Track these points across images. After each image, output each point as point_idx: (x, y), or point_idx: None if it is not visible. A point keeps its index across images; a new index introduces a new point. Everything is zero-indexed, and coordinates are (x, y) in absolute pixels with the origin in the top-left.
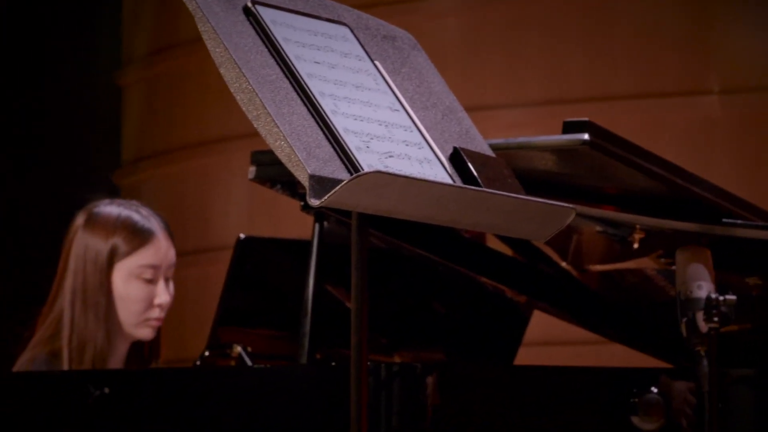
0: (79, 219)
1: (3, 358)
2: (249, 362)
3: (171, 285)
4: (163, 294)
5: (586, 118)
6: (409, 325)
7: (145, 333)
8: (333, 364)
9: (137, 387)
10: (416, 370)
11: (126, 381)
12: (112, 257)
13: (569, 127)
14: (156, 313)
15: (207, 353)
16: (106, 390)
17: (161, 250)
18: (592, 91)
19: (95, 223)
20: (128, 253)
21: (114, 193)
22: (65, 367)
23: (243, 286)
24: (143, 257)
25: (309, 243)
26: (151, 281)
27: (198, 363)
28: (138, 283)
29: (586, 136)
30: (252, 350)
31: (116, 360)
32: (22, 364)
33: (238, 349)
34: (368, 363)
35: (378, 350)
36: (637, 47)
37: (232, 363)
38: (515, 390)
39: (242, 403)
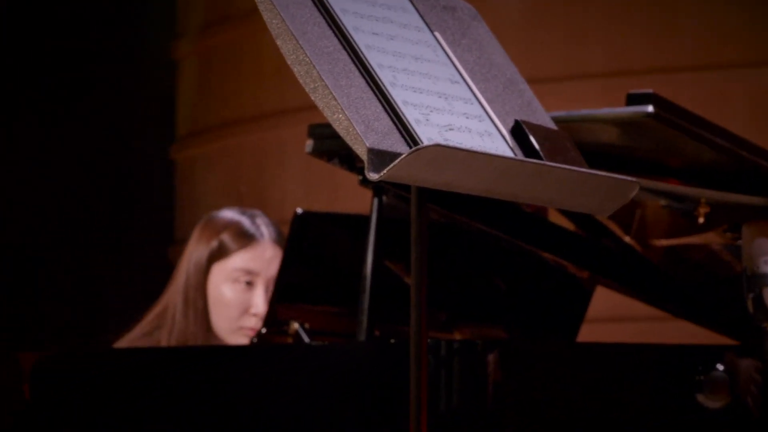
0: (198, 224)
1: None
2: (306, 339)
3: None
4: (260, 303)
5: (650, 90)
6: (469, 301)
7: (239, 341)
8: (392, 341)
9: (195, 365)
10: (477, 347)
11: (183, 359)
12: (212, 257)
13: (633, 99)
14: (252, 322)
15: (264, 330)
16: (149, 356)
17: (263, 257)
18: (655, 63)
19: (207, 226)
20: (228, 255)
21: (169, 167)
22: None
23: (300, 261)
24: (242, 260)
25: (367, 218)
26: (249, 288)
27: (255, 340)
28: (234, 286)
29: (650, 108)
30: (309, 327)
31: None
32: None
33: (296, 326)
34: (428, 340)
35: (437, 327)
36: (701, 18)
37: (290, 340)
38: (577, 367)
39: (300, 381)
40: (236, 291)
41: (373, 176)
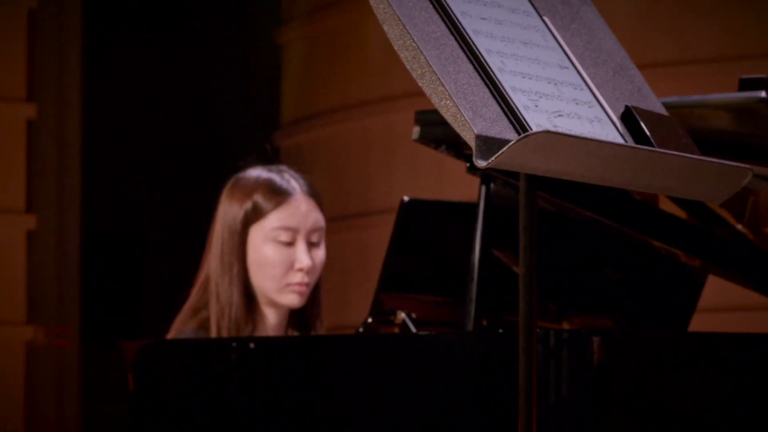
0: (226, 186)
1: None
2: (413, 329)
3: (320, 250)
4: (304, 258)
5: (763, 75)
6: (578, 290)
7: (291, 299)
8: (500, 331)
9: (299, 355)
10: (587, 337)
11: (288, 349)
12: (247, 220)
13: (746, 84)
14: (298, 277)
15: (370, 320)
16: (251, 345)
17: (299, 211)
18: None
19: (236, 187)
20: (263, 215)
21: (274, 155)
22: (213, 336)
23: (407, 250)
24: (279, 218)
25: (475, 206)
26: (290, 244)
27: (361, 330)
28: (274, 245)
29: (763, 94)
30: (416, 317)
31: (270, 330)
32: (171, 337)
33: (402, 315)
34: (537, 330)
35: (546, 316)
36: None
37: (396, 330)
38: (689, 358)
39: (407, 371)
40: (278, 249)
41: (481, 163)
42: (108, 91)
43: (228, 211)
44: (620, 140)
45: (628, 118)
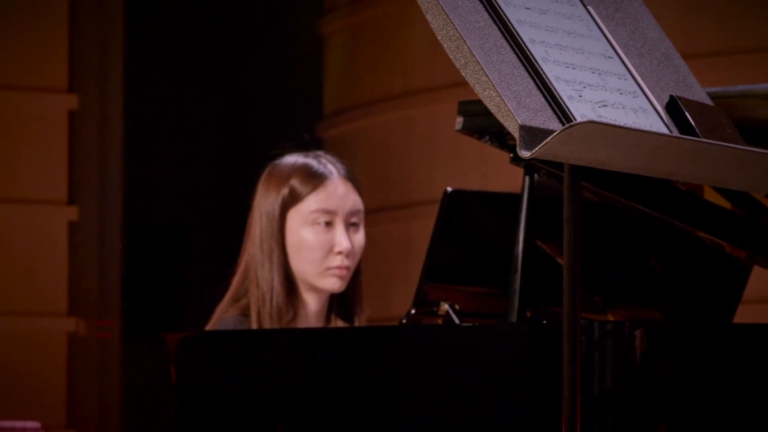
0: (263, 173)
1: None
2: (457, 320)
3: (360, 234)
4: (343, 240)
5: None
6: (623, 281)
7: (331, 283)
8: (544, 322)
9: (341, 347)
10: (631, 329)
11: (329, 340)
12: (285, 204)
13: None
14: (338, 261)
15: (413, 311)
16: (292, 336)
17: (336, 194)
18: None
19: (272, 174)
20: (300, 199)
21: (313, 144)
22: (254, 325)
23: (450, 241)
24: (316, 201)
25: (519, 196)
26: (328, 228)
27: (404, 321)
28: (313, 228)
29: None
30: (460, 308)
31: (311, 316)
32: (210, 327)
33: (446, 306)
34: (581, 321)
35: (590, 308)
36: None
37: (440, 321)
38: (734, 350)
39: (450, 363)
40: (317, 233)
41: (524, 154)
42: (149, 82)
43: (265, 197)
44: (665, 130)
45: (673, 108)
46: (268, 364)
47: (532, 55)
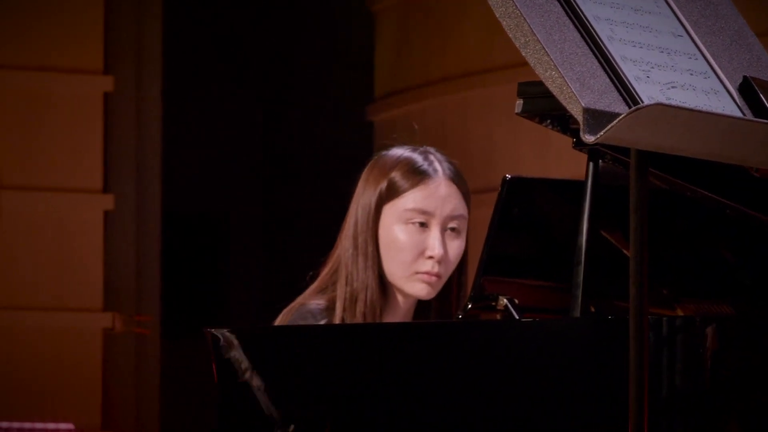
0: (367, 165)
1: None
2: (516, 315)
3: (457, 241)
4: (436, 245)
5: None
6: (692, 274)
7: (418, 289)
8: (610, 317)
9: (397, 343)
10: (702, 324)
11: (387, 336)
12: (382, 198)
13: None
14: (428, 265)
15: (470, 305)
16: (340, 333)
17: (437, 195)
18: None
19: (375, 166)
20: (398, 194)
21: (367, 130)
22: (337, 319)
23: (509, 231)
24: (414, 199)
25: (582, 184)
26: (423, 229)
27: (460, 316)
28: (406, 228)
29: None
30: (519, 302)
31: (398, 319)
32: (288, 311)
33: (504, 300)
34: (649, 316)
35: (658, 302)
36: None
37: (498, 316)
38: None
39: (509, 360)
40: (409, 232)
41: (588, 138)
42: (189, 63)
43: (364, 189)
44: (738, 113)
45: (747, 90)
46: (310, 360)
47: (596, 33)
